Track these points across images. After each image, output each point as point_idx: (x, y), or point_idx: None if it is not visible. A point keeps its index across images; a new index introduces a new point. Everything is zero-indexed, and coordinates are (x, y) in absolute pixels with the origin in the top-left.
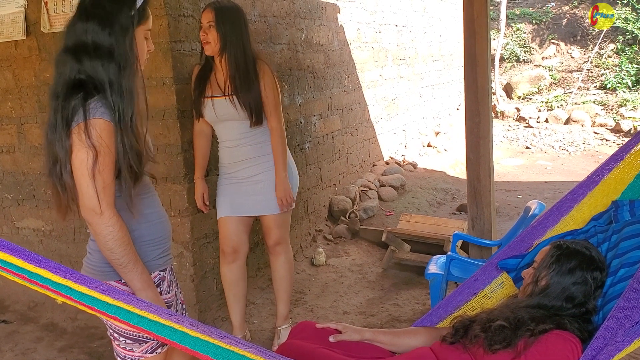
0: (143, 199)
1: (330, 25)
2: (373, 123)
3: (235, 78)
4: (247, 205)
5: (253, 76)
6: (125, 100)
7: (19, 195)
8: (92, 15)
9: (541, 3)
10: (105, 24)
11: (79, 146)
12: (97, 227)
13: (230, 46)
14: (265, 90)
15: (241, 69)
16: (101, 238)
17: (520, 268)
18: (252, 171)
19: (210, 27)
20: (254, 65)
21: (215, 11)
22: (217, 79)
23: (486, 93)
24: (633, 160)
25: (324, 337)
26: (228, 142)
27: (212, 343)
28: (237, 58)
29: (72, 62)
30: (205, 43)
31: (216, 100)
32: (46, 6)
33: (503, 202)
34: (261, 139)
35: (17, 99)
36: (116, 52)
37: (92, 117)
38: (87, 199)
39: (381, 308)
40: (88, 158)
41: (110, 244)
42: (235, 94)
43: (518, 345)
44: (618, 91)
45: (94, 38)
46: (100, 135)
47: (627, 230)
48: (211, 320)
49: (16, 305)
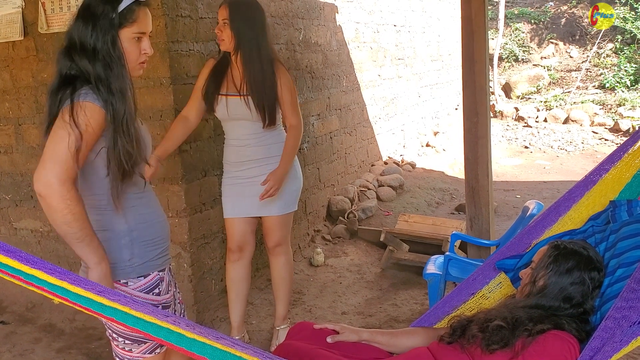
0: (140, 199)
1: (328, 25)
2: (372, 123)
3: (250, 78)
4: (250, 206)
5: (269, 77)
6: (116, 99)
7: (17, 196)
8: (80, 15)
9: (540, 3)
10: (88, 23)
11: (60, 125)
12: (52, 200)
13: (244, 44)
14: (282, 90)
15: (256, 69)
16: (58, 212)
17: (518, 268)
18: (257, 171)
19: (224, 24)
20: (271, 66)
21: (230, 7)
22: (233, 76)
23: (484, 93)
24: (631, 160)
25: (322, 338)
26: (236, 140)
27: (209, 344)
28: (252, 57)
29: (65, 60)
30: (220, 40)
31: (230, 99)
32: (43, 7)
33: (501, 201)
34: (270, 140)
35: (15, 99)
36: (99, 52)
37: (81, 100)
38: (49, 170)
39: (379, 308)
40: (69, 137)
41: (69, 217)
42: (250, 95)
43: (516, 346)
44: (617, 90)
45: (79, 36)
46: (88, 118)
47: (625, 230)
48: (209, 321)
49: (14, 306)
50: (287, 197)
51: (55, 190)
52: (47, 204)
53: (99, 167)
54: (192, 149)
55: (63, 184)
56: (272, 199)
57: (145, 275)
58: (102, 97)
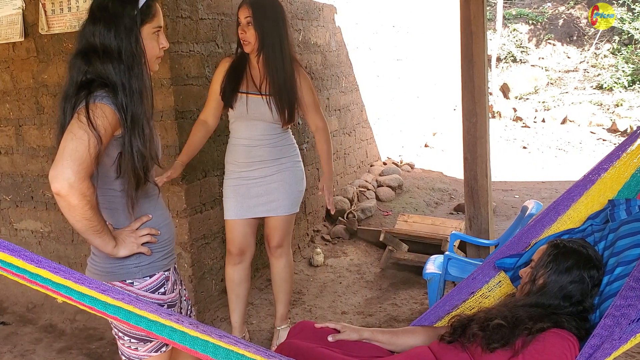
0: (149, 201)
1: (327, 26)
2: (370, 124)
3: (274, 79)
4: (257, 207)
5: (291, 77)
6: (135, 102)
7: (17, 196)
8: (99, 18)
9: (537, 3)
10: (110, 26)
11: (77, 125)
12: (73, 199)
13: (268, 44)
14: (303, 91)
15: (279, 71)
16: (78, 209)
17: (518, 267)
18: (267, 172)
19: (248, 24)
20: (292, 66)
21: (253, 7)
22: (252, 75)
23: (483, 93)
24: (629, 159)
25: (323, 337)
26: (247, 140)
27: (212, 342)
28: (276, 57)
29: (81, 64)
30: (245, 42)
31: (251, 98)
32: (44, 8)
33: (500, 201)
34: (282, 142)
35: (15, 100)
36: (124, 53)
37: (97, 102)
38: (68, 168)
39: (379, 308)
40: (89, 139)
41: (89, 213)
42: (272, 95)
43: (516, 344)
44: (614, 91)
45: (101, 40)
46: (104, 120)
47: (624, 229)
48: (210, 320)
49: (15, 306)
50: (293, 198)
51: (75, 189)
52: (67, 202)
53: (110, 168)
54: None
55: (83, 181)
56: (282, 198)
57: (150, 275)
58: (120, 99)
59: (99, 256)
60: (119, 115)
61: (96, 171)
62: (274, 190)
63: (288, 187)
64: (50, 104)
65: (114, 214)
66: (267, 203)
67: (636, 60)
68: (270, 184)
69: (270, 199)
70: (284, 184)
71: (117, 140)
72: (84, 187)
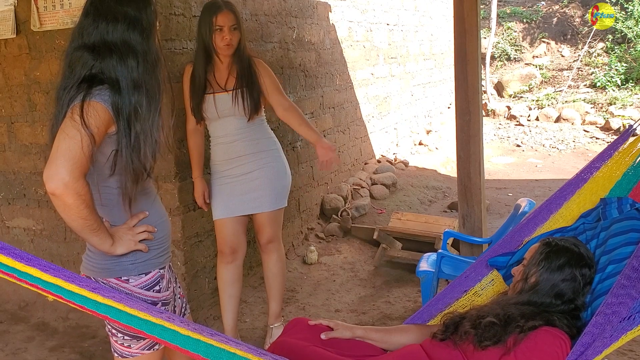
0: (146, 199)
1: (321, 23)
2: (365, 122)
3: (243, 74)
4: (242, 205)
5: (249, 67)
6: (152, 102)
7: (10, 194)
8: (121, 16)
9: (531, 2)
10: (134, 28)
11: (70, 124)
12: (68, 198)
13: (242, 45)
14: (263, 77)
15: (245, 64)
16: (74, 209)
17: (510, 265)
18: (247, 168)
19: (235, 29)
20: (249, 56)
21: (234, 12)
22: (215, 77)
23: (477, 91)
24: (621, 158)
25: (316, 334)
26: (223, 138)
27: (203, 341)
28: (244, 53)
29: (90, 59)
30: (229, 45)
31: (218, 96)
32: (36, 4)
33: (494, 199)
34: (257, 135)
35: (7, 97)
36: (148, 53)
37: (92, 100)
38: (62, 168)
39: (373, 306)
40: (82, 139)
41: (85, 212)
42: (240, 89)
43: (508, 342)
44: (608, 89)
45: (124, 37)
46: (97, 119)
47: (615, 227)
48: (203, 319)
49: (7, 304)
50: (277, 192)
51: (70, 189)
52: (62, 202)
53: (104, 166)
54: (185, 147)
55: (77, 181)
56: (266, 194)
57: (146, 273)
58: (124, 98)
59: (95, 252)
60: (112, 113)
61: (91, 168)
62: (258, 187)
63: (270, 183)
64: (43, 101)
65: (110, 210)
66: (252, 200)
67: (629, 59)
68: (253, 181)
69: (255, 196)
70: (265, 180)
71: (111, 138)
72: (79, 186)
